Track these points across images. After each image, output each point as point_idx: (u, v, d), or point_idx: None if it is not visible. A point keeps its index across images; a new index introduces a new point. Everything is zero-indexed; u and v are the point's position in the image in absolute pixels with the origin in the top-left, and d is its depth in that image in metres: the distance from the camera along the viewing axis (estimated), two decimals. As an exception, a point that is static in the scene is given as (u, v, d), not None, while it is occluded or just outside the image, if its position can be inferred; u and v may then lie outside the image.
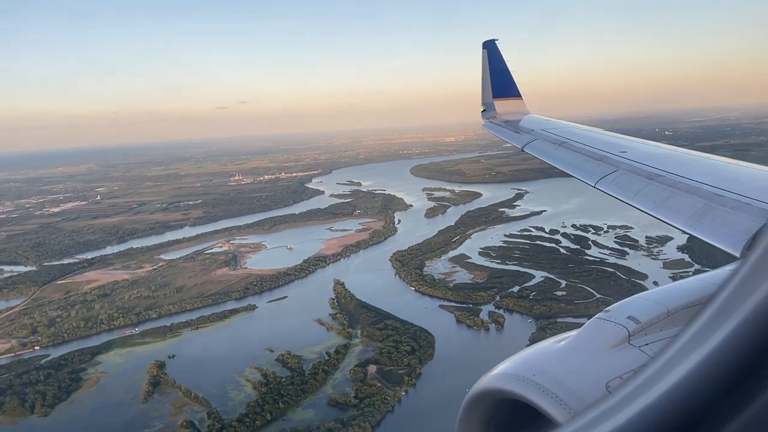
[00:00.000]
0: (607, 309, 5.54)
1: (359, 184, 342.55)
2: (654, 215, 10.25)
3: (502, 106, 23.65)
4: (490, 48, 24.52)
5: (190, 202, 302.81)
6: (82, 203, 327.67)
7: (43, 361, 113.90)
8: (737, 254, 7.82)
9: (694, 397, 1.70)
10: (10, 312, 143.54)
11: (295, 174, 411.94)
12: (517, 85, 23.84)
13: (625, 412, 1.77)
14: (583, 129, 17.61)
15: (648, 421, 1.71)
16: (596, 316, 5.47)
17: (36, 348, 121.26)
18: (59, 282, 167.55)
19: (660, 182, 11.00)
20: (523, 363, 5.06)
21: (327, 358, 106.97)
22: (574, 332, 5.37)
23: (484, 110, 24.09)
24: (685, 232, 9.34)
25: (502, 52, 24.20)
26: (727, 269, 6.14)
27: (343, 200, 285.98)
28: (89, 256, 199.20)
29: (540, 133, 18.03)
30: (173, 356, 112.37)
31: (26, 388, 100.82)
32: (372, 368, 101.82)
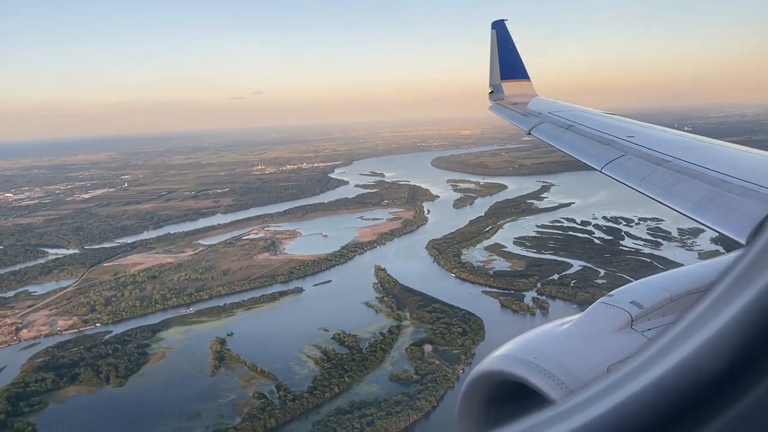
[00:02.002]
0: (610, 293, 5.60)
1: (382, 175, 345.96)
2: (660, 201, 10.26)
3: (510, 87, 23.43)
4: (499, 28, 24.26)
5: (218, 190, 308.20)
6: (111, 190, 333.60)
7: (106, 337, 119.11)
8: (743, 241, 7.82)
9: (692, 382, 1.68)
10: (64, 291, 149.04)
11: (316, 164, 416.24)
12: (528, 68, 23.81)
13: (621, 393, 1.76)
14: (591, 112, 17.53)
15: (644, 402, 1.70)
16: (599, 300, 5.52)
17: (97, 325, 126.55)
18: (106, 264, 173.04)
19: (667, 168, 10.91)
20: (525, 345, 5.12)
21: (381, 337, 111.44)
22: (576, 316, 5.42)
23: (492, 92, 23.93)
24: (691, 218, 9.35)
25: (513, 35, 24.01)
26: (732, 256, 5.91)
27: (369, 190, 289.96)
28: (129, 240, 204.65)
29: (547, 116, 17.85)
30: (232, 334, 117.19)
31: (98, 361, 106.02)
32: (428, 347, 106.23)
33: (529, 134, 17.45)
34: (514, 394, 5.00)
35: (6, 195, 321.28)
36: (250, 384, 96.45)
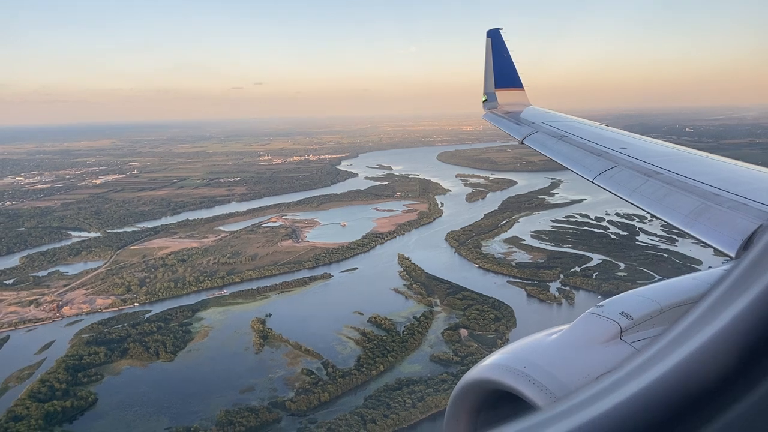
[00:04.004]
0: (600, 304, 5.61)
1: (390, 168, 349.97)
2: (651, 212, 10.45)
3: (504, 96, 23.82)
4: (495, 37, 24.50)
5: (230, 179, 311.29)
6: (121, 176, 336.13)
7: (147, 316, 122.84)
8: (732, 254, 7.89)
9: (679, 392, 1.69)
10: (96, 272, 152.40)
11: (323, 156, 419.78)
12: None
13: (607, 401, 1.77)
14: (583, 123, 17.74)
15: (630, 411, 1.71)
16: (589, 310, 5.52)
17: (135, 304, 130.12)
18: (132, 247, 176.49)
19: (658, 180, 11.06)
20: (514, 354, 5.13)
21: (416, 322, 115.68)
22: (566, 326, 5.42)
23: (486, 100, 24.30)
24: (682, 231, 9.48)
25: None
26: (721, 269, 6.21)
27: (379, 183, 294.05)
28: (149, 225, 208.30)
29: (540, 126, 18.08)
30: (269, 315, 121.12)
31: (144, 338, 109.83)
32: (464, 332, 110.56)
33: (522, 143, 17.86)
34: (502, 403, 5.03)
35: (17, 179, 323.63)
36: (297, 361, 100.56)
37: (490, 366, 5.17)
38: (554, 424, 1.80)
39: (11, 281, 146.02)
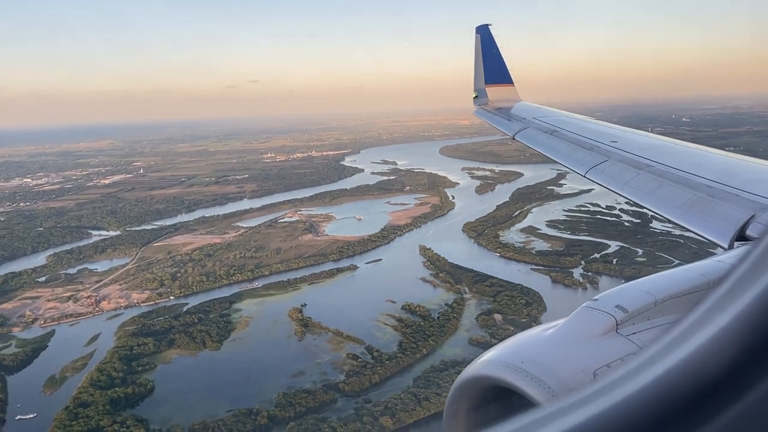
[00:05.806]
0: (595, 297, 5.61)
1: (394, 164, 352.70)
2: (643, 205, 10.50)
3: (494, 92, 23.94)
4: (484, 33, 24.63)
5: (238, 177, 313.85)
6: (128, 176, 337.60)
7: (185, 308, 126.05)
8: (725, 245, 7.92)
9: (678, 391, 1.66)
10: (126, 268, 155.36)
11: (325, 153, 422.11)
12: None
13: (608, 398, 1.73)
14: (574, 117, 17.85)
15: (631, 409, 1.68)
16: (584, 304, 5.51)
17: (171, 297, 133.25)
18: (156, 244, 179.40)
19: (650, 172, 11.11)
20: (511, 350, 5.15)
21: (449, 308, 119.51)
22: (562, 320, 5.40)
23: (476, 96, 24.53)
24: (674, 222, 9.60)
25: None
26: (714, 260, 6.31)
27: (387, 177, 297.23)
28: (167, 222, 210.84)
29: (531, 121, 18.19)
30: (305, 305, 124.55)
31: (188, 328, 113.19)
32: (498, 316, 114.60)
33: (514, 139, 17.92)
34: (500, 399, 5.08)
35: (25, 180, 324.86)
36: (341, 347, 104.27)
37: (487, 362, 5.12)
38: (554, 421, 1.76)
39: (43, 279, 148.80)
